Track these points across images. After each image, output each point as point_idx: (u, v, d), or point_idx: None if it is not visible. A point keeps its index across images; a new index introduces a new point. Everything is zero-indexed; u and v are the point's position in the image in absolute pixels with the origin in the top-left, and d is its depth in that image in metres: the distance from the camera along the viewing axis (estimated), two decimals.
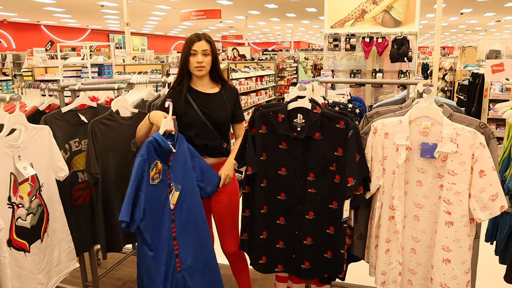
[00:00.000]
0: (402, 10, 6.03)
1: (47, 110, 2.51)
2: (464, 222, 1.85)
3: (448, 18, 20.33)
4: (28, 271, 1.93)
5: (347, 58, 6.40)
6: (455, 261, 1.88)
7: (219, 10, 13.10)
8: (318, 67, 14.20)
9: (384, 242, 2.02)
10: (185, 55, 2.30)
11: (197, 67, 2.28)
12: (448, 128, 1.83)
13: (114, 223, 2.34)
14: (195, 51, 2.27)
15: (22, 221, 1.90)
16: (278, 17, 21.51)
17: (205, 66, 2.30)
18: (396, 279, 2.02)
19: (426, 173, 1.92)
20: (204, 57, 2.28)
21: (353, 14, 6.26)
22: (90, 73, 7.60)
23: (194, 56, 2.28)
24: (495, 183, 1.80)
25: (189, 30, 27.87)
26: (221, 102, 2.39)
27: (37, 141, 2.00)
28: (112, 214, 2.33)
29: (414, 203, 1.97)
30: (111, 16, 20.24)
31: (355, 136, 1.97)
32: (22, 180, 1.89)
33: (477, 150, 1.80)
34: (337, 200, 2.04)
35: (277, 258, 2.20)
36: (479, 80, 6.95)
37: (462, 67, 9.26)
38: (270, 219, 2.18)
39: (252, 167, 2.15)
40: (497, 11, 18.23)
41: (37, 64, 9.58)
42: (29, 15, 19.08)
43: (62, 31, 22.92)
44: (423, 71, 13.43)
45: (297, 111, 2.07)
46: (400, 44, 5.80)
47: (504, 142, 2.22)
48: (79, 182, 2.39)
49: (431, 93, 1.91)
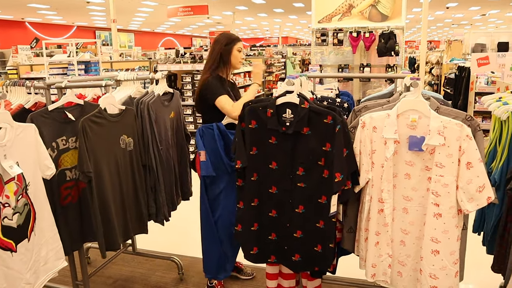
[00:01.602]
0: (388, 4, 6.06)
1: (33, 108, 2.47)
2: (452, 214, 1.87)
3: (434, 12, 20.49)
4: (15, 270, 1.91)
5: (334, 53, 6.42)
6: (444, 252, 1.90)
7: (207, 6, 13.03)
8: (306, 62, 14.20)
9: (374, 235, 2.03)
10: (231, 49, 2.74)
11: (241, 61, 2.81)
12: (436, 121, 1.85)
13: (110, 221, 2.32)
14: (241, 48, 2.78)
15: (8, 221, 1.87)
16: (266, 13, 21.47)
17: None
18: (386, 271, 2.04)
19: (414, 166, 1.94)
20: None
21: (340, 9, 6.27)
22: (77, 71, 7.52)
23: (240, 53, 2.78)
24: (482, 175, 1.82)
25: (176, 27, 27.71)
26: (236, 87, 2.95)
27: (23, 139, 1.97)
28: (107, 211, 2.31)
29: (402, 195, 1.99)
30: (97, 13, 20.01)
31: (342, 131, 1.98)
32: (8, 179, 1.86)
33: (464, 143, 1.82)
34: (326, 195, 2.05)
35: (270, 249, 2.23)
36: (465, 74, 7.03)
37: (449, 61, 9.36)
38: (261, 212, 2.20)
39: (241, 161, 2.16)
40: (482, 5, 18.42)
41: (22, 62, 9.44)
42: (13, 12, 18.77)
43: (47, 28, 22.60)
44: (410, 65, 13.53)
45: (286, 106, 2.07)
46: (387, 38, 5.83)
47: (490, 134, 2.25)
48: (67, 180, 2.36)
49: (418, 86, 1.92)
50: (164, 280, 3.10)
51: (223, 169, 2.60)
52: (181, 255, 3.27)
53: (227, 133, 2.57)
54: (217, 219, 2.68)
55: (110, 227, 2.34)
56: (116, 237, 2.39)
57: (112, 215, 2.34)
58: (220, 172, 2.61)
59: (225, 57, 2.73)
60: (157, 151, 2.62)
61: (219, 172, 2.61)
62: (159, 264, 3.31)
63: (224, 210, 2.66)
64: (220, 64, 2.74)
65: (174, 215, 2.84)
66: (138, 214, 2.59)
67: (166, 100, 2.77)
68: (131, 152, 2.51)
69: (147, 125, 2.57)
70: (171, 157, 2.76)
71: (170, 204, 2.78)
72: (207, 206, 2.67)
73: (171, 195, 2.78)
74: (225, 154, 2.57)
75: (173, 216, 2.82)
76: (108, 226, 2.33)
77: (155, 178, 2.64)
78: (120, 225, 2.43)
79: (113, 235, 2.36)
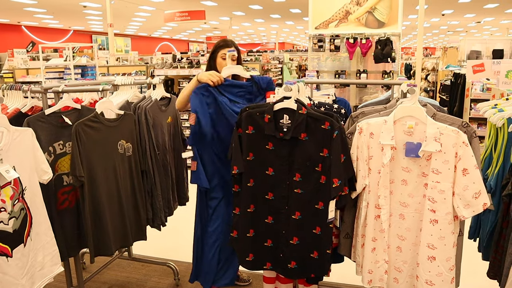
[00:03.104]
0: (385, 11, 6.10)
1: (29, 112, 2.46)
2: (448, 220, 1.88)
3: (430, 19, 20.64)
4: (11, 276, 1.89)
5: (331, 59, 6.44)
6: (440, 258, 1.91)
7: (204, 11, 13.07)
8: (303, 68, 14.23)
9: (370, 241, 2.04)
10: (216, 56, 2.64)
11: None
12: (432, 127, 1.86)
13: (103, 226, 2.31)
14: (225, 55, 2.60)
15: (4, 225, 1.86)
16: (263, 18, 21.55)
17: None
18: (383, 278, 2.04)
19: (411, 172, 1.95)
20: (232, 62, 2.61)
21: (337, 15, 6.31)
22: (73, 75, 7.50)
23: (224, 60, 2.60)
24: (478, 181, 1.83)
25: (173, 31, 27.74)
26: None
27: (20, 143, 1.96)
28: (100, 216, 2.30)
29: (399, 201, 1.99)
30: (94, 17, 20.00)
31: (340, 137, 1.99)
32: (4, 183, 1.85)
33: (460, 149, 1.83)
34: (323, 201, 2.05)
35: (265, 256, 2.22)
36: (461, 80, 7.07)
37: (444, 68, 9.40)
38: (257, 218, 2.19)
39: (238, 167, 2.15)
40: (477, 12, 18.58)
41: (18, 66, 9.41)
42: (9, 16, 18.73)
43: (43, 32, 22.56)
44: (406, 72, 13.59)
45: (283, 111, 2.07)
46: (384, 45, 5.86)
47: (486, 140, 2.26)
48: (64, 185, 2.35)
49: (415, 93, 1.94)
50: (160, 286, 3.08)
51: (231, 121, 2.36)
52: (177, 261, 3.26)
53: (231, 83, 2.46)
54: (216, 227, 2.57)
55: (103, 232, 2.33)
56: (109, 242, 2.37)
57: (105, 220, 2.33)
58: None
59: (212, 64, 2.69)
60: (154, 156, 2.62)
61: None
62: (155, 270, 3.30)
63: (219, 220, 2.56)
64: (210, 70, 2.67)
65: (170, 220, 2.83)
66: (137, 220, 2.58)
67: (163, 105, 2.78)
68: (130, 157, 2.50)
69: (145, 129, 2.57)
70: (168, 162, 2.76)
71: (167, 209, 2.78)
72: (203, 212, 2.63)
73: (167, 200, 2.77)
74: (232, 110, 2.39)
75: (169, 221, 2.81)
76: (101, 231, 2.32)
77: (152, 182, 2.63)
78: (116, 231, 2.42)
79: (105, 240, 2.35)
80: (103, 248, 2.36)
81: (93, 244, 2.31)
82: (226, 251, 2.59)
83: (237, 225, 2.25)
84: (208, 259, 2.58)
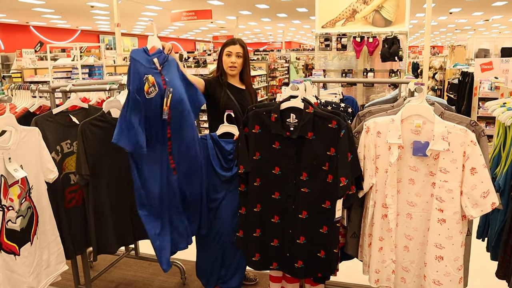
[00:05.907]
0: (392, 9, 6.07)
1: (37, 111, 2.48)
2: (456, 219, 1.86)
3: (437, 17, 20.49)
4: (19, 274, 1.91)
5: (338, 57, 6.42)
6: (448, 258, 1.89)
7: (210, 11, 13.07)
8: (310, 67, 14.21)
9: (378, 240, 2.02)
10: (222, 54, 2.71)
11: (230, 66, 2.67)
12: (440, 126, 1.85)
13: (107, 224, 2.32)
14: (230, 52, 2.65)
15: (12, 224, 1.88)
16: (269, 17, 21.52)
17: (237, 66, 2.69)
18: (390, 277, 2.03)
19: (418, 171, 1.94)
20: (237, 59, 2.66)
21: (344, 14, 6.29)
22: (81, 74, 7.54)
23: (229, 57, 2.66)
24: (486, 180, 1.81)
25: (180, 31, 27.80)
26: (249, 96, 2.82)
27: (27, 143, 1.98)
28: (105, 215, 2.31)
29: (406, 201, 1.98)
30: (101, 17, 20.10)
31: (347, 135, 1.98)
32: (12, 182, 1.87)
33: (468, 148, 1.81)
34: (330, 200, 2.04)
35: (272, 255, 2.21)
36: (469, 79, 7.01)
37: (452, 66, 9.34)
38: (264, 218, 2.18)
39: (244, 166, 2.15)
40: (485, 10, 18.41)
41: (27, 66, 9.49)
42: (18, 16, 18.88)
43: (51, 32, 22.71)
44: (413, 70, 13.51)
45: (290, 110, 2.07)
46: (391, 43, 5.84)
47: (494, 139, 2.24)
48: (72, 184, 2.37)
49: (423, 92, 1.92)
50: (167, 285, 3.09)
51: (215, 179, 2.39)
52: (183, 260, 3.26)
53: (220, 142, 2.40)
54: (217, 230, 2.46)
55: (105, 230, 2.34)
56: (112, 241, 2.38)
57: (109, 218, 2.34)
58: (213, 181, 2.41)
59: (219, 62, 2.77)
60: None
61: (212, 182, 2.41)
62: (161, 269, 3.30)
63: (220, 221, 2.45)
64: (219, 68, 2.79)
65: None
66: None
67: None
68: None
69: None
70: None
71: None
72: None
73: None
74: (219, 164, 2.37)
75: None
76: (103, 229, 2.33)
77: None
78: (120, 230, 2.42)
79: (107, 238, 2.36)
80: (106, 247, 2.37)
81: (96, 242, 2.33)
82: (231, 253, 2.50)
83: (243, 225, 2.25)
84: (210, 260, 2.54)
